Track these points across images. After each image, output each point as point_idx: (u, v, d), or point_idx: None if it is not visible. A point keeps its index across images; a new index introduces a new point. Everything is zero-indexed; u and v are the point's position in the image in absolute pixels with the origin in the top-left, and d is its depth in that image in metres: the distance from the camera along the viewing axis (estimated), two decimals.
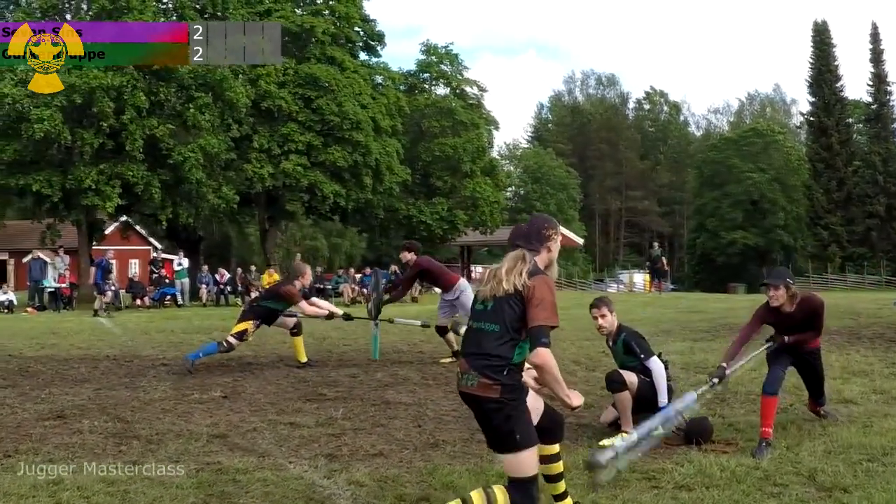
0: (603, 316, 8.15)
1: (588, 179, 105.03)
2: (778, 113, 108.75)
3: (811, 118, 70.41)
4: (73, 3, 34.64)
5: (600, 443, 7.38)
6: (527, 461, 4.78)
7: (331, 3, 42.60)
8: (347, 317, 13.57)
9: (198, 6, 36.94)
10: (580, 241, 68.64)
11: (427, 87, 49.91)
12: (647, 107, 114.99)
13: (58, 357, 14.74)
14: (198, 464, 6.94)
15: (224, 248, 71.87)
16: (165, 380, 11.72)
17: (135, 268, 55.90)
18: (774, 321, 7.86)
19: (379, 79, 45.19)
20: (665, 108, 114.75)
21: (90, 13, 33.30)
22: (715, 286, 72.53)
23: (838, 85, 68.98)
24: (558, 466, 5.32)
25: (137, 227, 57.80)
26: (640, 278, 67.53)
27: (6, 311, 30.08)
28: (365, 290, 35.28)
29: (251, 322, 12.74)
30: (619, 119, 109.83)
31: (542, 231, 5.20)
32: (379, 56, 46.29)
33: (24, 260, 35.88)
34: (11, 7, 35.79)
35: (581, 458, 6.72)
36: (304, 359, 13.13)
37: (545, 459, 5.21)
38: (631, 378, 7.83)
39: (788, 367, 7.88)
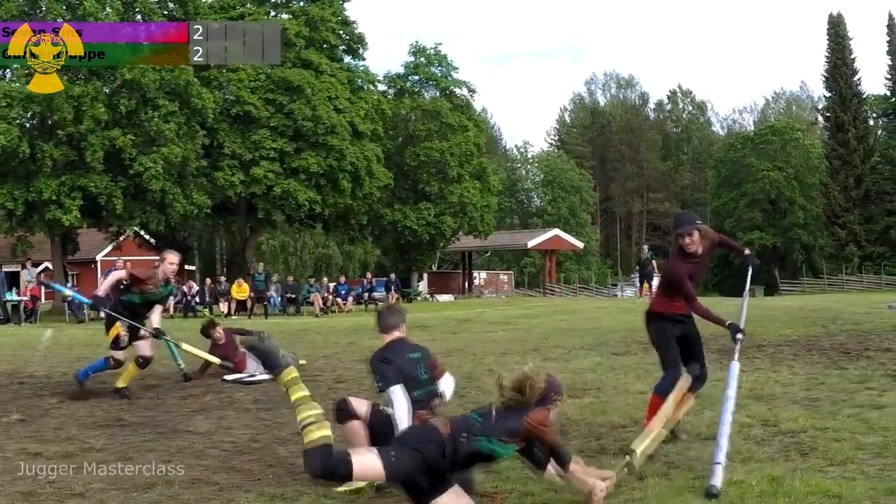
0: None
1: (609, 182, 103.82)
2: (804, 110, 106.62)
3: (827, 114, 68.61)
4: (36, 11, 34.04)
5: (337, 489, 6.26)
6: None
7: (304, 5, 41.68)
8: (156, 334, 11.43)
9: (166, 12, 36.38)
10: (580, 244, 67.11)
11: (417, 89, 48.78)
12: (668, 107, 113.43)
13: None
14: None
15: (238, 255, 71.20)
16: None
17: None
18: (693, 271, 7.42)
19: (360, 82, 44.08)
20: (689, 108, 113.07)
21: (49, 18, 32.68)
22: (733, 288, 71.10)
23: (855, 79, 67.03)
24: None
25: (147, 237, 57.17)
26: (655, 281, 66.01)
27: None
28: (339, 300, 34.42)
29: (118, 324, 10.99)
30: (639, 120, 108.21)
31: (551, 394, 5.76)
32: (363, 59, 45.37)
33: None
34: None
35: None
36: (123, 385, 11.09)
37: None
38: (361, 407, 6.59)
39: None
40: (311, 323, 25.74)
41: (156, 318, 11.37)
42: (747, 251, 7.96)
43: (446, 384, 6.80)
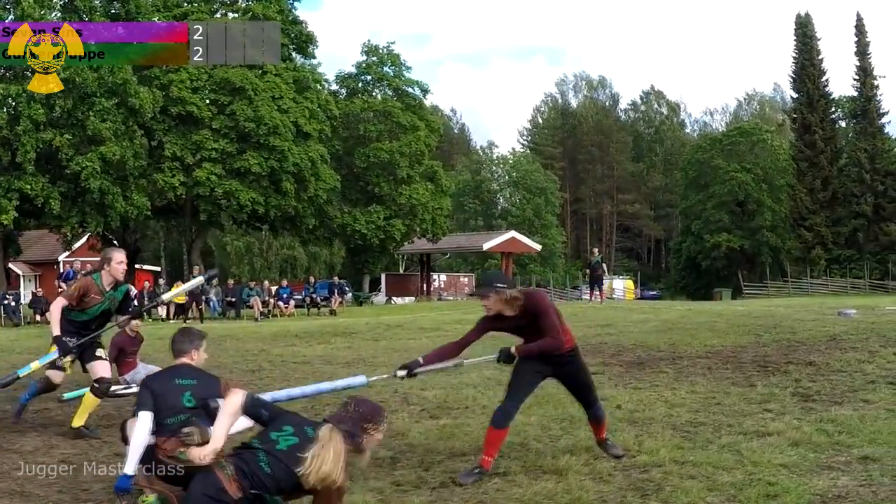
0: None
1: (579, 183, 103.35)
2: (776, 112, 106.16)
3: (794, 115, 68.20)
4: None
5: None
6: None
7: (249, 4, 40.86)
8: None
9: (113, 10, 35.72)
10: (537, 247, 66.32)
11: (369, 89, 48.00)
12: (642, 108, 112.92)
13: None
14: None
15: (207, 257, 70.36)
16: None
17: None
18: (504, 326, 7.06)
19: (307, 81, 43.03)
20: (662, 109, 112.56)
21: None
22: (701, 291, 70.70)
23: (823, 80, 66.65)
24: None
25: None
26: (621, 284, 65.64)
27: None
28: (281, 304, 33.63)
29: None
30: (609, 122, 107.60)
31: (363, 424, 4.93)
32: (313, 58, 44.43)
33: None
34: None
35: None
36: (79, 423, 8.93)
37: None
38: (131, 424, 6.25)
39: (537, 386, 7.23)
40: (242, 329, 24.36)
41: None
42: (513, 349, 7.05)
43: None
